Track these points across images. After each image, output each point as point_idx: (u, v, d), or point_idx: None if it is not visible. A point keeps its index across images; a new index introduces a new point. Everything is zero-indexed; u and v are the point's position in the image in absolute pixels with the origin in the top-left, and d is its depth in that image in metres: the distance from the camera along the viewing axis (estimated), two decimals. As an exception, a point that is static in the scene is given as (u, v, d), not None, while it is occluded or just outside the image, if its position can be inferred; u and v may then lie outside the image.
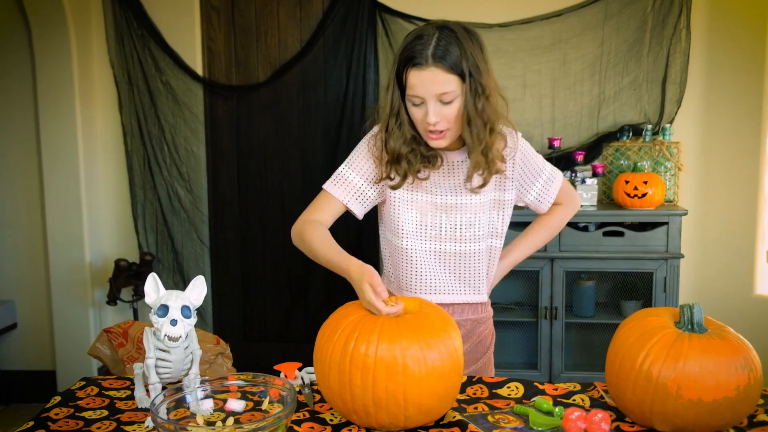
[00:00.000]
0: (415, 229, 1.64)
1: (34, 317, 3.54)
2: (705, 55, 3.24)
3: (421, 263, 1.65)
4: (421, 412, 1.21)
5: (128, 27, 3.45)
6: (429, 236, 1.65)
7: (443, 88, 1.45)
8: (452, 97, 1.46)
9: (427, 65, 1.44)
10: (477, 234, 1.65)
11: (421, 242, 1.65)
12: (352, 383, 1.20)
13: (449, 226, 1.63)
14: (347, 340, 1.22)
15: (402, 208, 1.63)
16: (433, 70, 1.44)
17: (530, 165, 1.71)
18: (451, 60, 1.44)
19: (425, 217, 1.64)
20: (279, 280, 3.65)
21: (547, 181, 1.74)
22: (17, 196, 3.49)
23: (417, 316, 1.27)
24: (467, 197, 1.62)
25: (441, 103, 1.47)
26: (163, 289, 1.30)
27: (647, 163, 3.24)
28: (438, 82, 1.44)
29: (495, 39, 3.31)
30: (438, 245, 1.65)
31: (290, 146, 3.58)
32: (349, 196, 1.62)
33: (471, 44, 1.47)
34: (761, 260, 3.27)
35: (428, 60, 1.43)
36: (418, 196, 1.63)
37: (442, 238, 1.64)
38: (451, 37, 1.45)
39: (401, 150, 1.55)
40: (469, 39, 1.47)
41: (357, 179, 1.62)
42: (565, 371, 3.13)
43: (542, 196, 1.76)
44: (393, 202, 1.63)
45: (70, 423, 1.31)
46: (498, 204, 1.67)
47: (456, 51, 1.44)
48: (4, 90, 3.42)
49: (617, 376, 1.28)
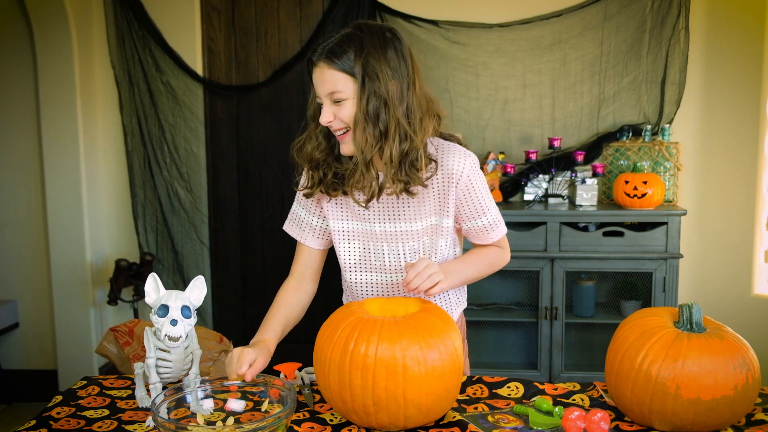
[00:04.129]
0: (358, 261, 1.58)
1: (35, 317, 3.55)
2: (703, 55, 3.25)
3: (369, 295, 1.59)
4: (421, 412, 1.22)
5: (129, 27, 3.45)
6: (373, 267, 1.57)
7: (331, 88, 1.39)
8: (343, 97, 1.39)
9: (318, 62, 1.40)
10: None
11: (365, 274, 1.59)
12: (352, 383, 1.20)
13: (392, 255, 1.55)
14: (347, 340, 1.22)
15: (342, 240, 1.57)
16: (321, 67, 1.39)
17: (474, 199, 1.52)
18: (342, 58, 1.37)
19: (367, 247, 1.56)
20: (279, 281, 3.62)
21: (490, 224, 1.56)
22: (19, 196, 3.49)
23: (417, 316, 1.27)
24: (405, 224, 1.52)
25: (333, 103, 1.40)
26: (163, 289, 1.30)
27: (647, 163, 3.24)
28: (326, 80, 1.39)
29: (495, 39, 3.31)
30: (383, 277, 1.57)
31: (290, 146, 3.58)
32: (304, 234, 1.62)
33: (378, 48, 1.38)
34: (759, 260, 3.27)
35: (319, 57, 1.39)
36: (358, 226, 1.56)
37: (387, 269, 1.56)
38: (355, 37, 1.38)
39: (314, 155, 1.50)
40: (380, 42, 1.39)
41: (305, 214, 1.61)
42: (565, 371, 3.14)
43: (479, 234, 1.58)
44: (335, 234, 1.58)
45: (71, 422, 1.31)
46: (438, 230, 1.53)
47: (351, 51, 1.37)
48: (6, 90, 3.43)
49: (617, 376, 1.28)
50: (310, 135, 1.50)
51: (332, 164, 1.50)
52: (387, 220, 1.54)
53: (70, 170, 3.35)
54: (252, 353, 1.36)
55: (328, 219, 1.58)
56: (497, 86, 3.35)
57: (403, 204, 1.52)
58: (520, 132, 3.38)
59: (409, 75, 1.43)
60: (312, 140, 1.50)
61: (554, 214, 3.07)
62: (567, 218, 3.07)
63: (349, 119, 1.40)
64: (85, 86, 3.38)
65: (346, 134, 1.43)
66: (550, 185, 3.24)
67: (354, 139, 1.42)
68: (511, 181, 3.29)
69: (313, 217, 1.61)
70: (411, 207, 1.52)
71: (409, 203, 1.52)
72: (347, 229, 1.57)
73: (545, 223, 3.06)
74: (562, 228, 3.05)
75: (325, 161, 1.50)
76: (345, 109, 1.40)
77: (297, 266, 1.67)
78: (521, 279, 3.24)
